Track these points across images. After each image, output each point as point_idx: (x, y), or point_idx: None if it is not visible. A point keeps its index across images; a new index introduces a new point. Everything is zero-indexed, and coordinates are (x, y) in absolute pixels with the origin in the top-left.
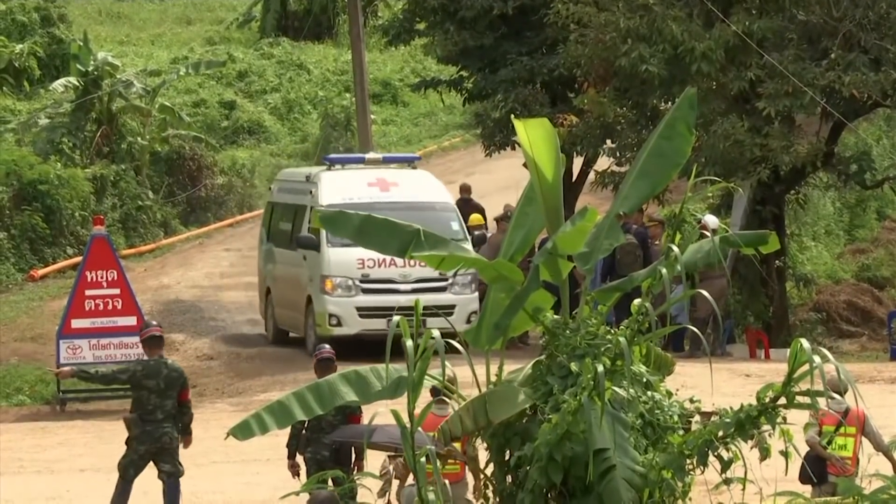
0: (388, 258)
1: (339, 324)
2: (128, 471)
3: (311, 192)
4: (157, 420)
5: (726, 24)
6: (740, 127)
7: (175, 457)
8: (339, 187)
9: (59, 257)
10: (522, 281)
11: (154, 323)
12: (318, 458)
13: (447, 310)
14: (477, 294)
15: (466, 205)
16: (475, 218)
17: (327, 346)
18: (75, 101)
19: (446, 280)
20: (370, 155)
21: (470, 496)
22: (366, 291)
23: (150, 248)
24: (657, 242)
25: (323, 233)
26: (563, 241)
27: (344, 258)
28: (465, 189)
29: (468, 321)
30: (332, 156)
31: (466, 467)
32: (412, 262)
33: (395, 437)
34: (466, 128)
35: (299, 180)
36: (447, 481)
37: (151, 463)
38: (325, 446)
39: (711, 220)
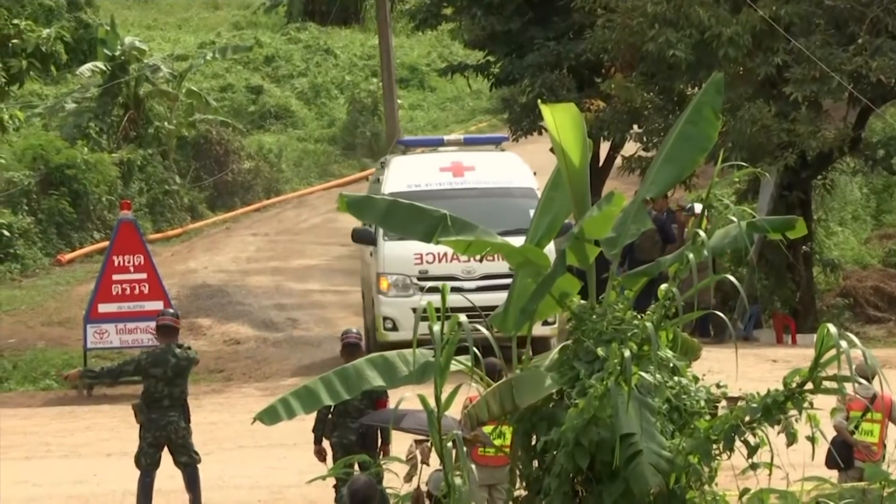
0: (449, 252)
1: (394, 328)
2: (139, 461)
3: (379, 178)
4: (163, 407)
5: (753, 9)
6: (767, 112)
7: (189, 448)
8: (407, 173)
9: (86, 242)
10: (549, 266)
11: (171, 311)
12: (345, 443)
13: None
14: None
15: None
16: None
17: (354, 330)
18: (102, 85)
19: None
20: (449, 137)
21: None
22: (424, 290)
23: (177, 233)
24: (686, 228)
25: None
26: (589, 226)
27: (400, 253)
28: None
29: (545, 322)
30: (408, 139)
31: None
32: (477, 257)
33: (422, 422)
34: (493, 112)
35: (378, 167)
36: (481, 465)
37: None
38: (352, 431)
39: (700, 207)
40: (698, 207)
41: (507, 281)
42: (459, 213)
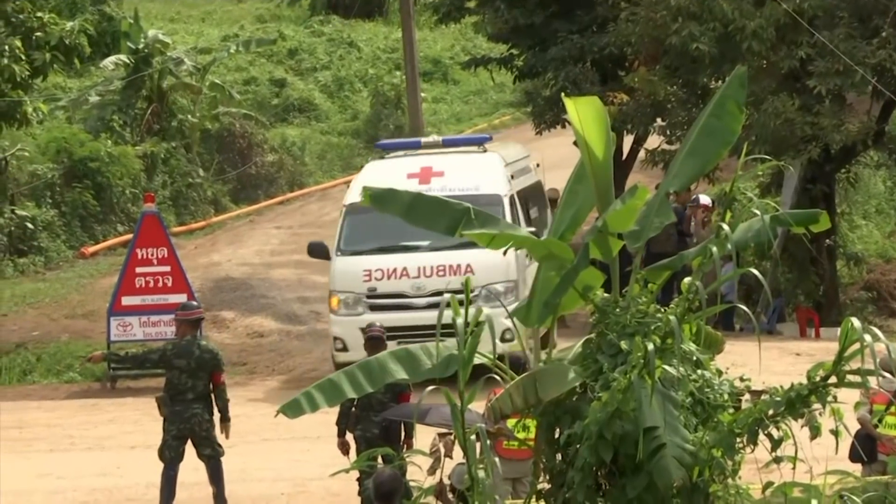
0: (398, 268)
1: (344, 348)
2: (163, 453)
3: (348, 186)
4: (186, 400)
5: (777, 3)
6: (791, 105)
7: (213, 441)
8: (373, 180)
9: (110, 234)
10: (572, 259)
11: (195, 304)
12: (368, 436)
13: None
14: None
15: None
16: None
17: (377, 324)
18: (126, 78)
19: (471, 292)
20: (427, 139)
21: None
22: (373, 308)
23: (201, 226)
24: (693, 221)
25: (335, 237)
26: (613, 219)
27: (350, 269)
28: None
29: (503, 339)
30: (386, 142)
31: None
32: (427, 273)
33: (446, 416)
34: (517, 106)
35: None
36: (505, 458)
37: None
38: (375, 424)
39: (704, 198)
40: (703, 199)
41: (459, 297)
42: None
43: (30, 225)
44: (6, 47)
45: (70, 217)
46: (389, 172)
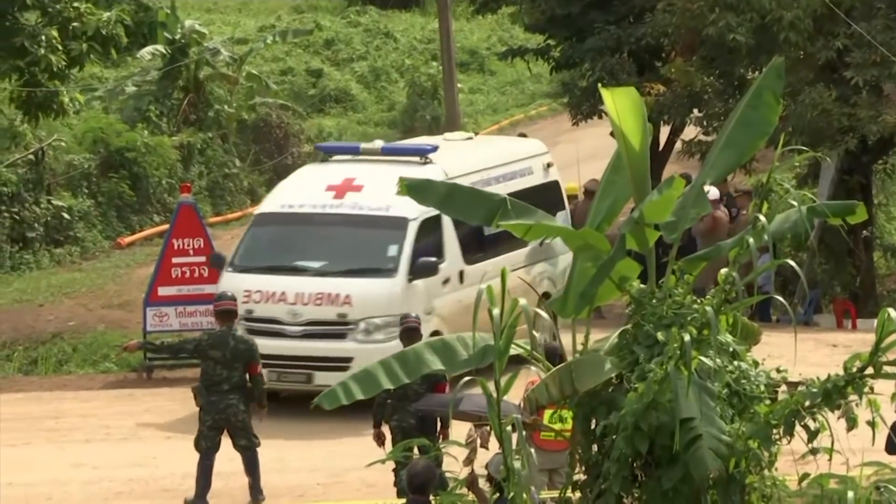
0: (277, 292)
1: None
2: (199, 444)
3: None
4: (222, 391)
5: None
6: (828, 96)
7: (248, 432)
8: (290, 191)
9: (146, 225)
10: (609, 250)
11: (229, 294)
12: (404, 427)
13: (342, 363)
14: (399, 342)
15: None
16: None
17: (413, 314)
18: (162, 68)
19: (346, 325)
20: (366, 145)
21: None
22: (250, 332)
23: (237, 216)
24: (744, 212)
25: (233, 250)
26: (649, 210)
27: (233, 287)
28: None
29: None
30: (326, 144)
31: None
32: (305, 300)
33: (480, 405)
34: (553, 96)
35: None
36: (541, 449)
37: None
38: (411, 415)
39: (713, 190)
40: (712, 193)
41: (334, 329)
42: (312, 245)
43: (66, 215)
44: (43, 37)
45: (106, 207)
46: (310, 183)
